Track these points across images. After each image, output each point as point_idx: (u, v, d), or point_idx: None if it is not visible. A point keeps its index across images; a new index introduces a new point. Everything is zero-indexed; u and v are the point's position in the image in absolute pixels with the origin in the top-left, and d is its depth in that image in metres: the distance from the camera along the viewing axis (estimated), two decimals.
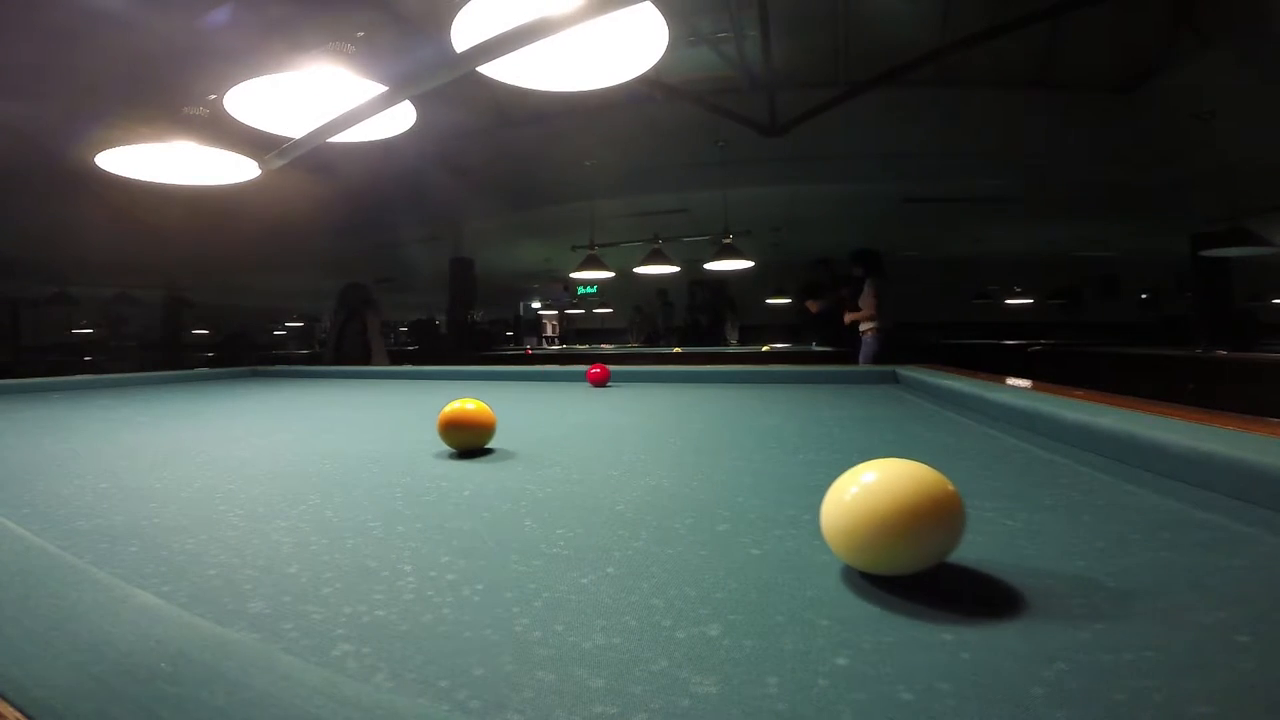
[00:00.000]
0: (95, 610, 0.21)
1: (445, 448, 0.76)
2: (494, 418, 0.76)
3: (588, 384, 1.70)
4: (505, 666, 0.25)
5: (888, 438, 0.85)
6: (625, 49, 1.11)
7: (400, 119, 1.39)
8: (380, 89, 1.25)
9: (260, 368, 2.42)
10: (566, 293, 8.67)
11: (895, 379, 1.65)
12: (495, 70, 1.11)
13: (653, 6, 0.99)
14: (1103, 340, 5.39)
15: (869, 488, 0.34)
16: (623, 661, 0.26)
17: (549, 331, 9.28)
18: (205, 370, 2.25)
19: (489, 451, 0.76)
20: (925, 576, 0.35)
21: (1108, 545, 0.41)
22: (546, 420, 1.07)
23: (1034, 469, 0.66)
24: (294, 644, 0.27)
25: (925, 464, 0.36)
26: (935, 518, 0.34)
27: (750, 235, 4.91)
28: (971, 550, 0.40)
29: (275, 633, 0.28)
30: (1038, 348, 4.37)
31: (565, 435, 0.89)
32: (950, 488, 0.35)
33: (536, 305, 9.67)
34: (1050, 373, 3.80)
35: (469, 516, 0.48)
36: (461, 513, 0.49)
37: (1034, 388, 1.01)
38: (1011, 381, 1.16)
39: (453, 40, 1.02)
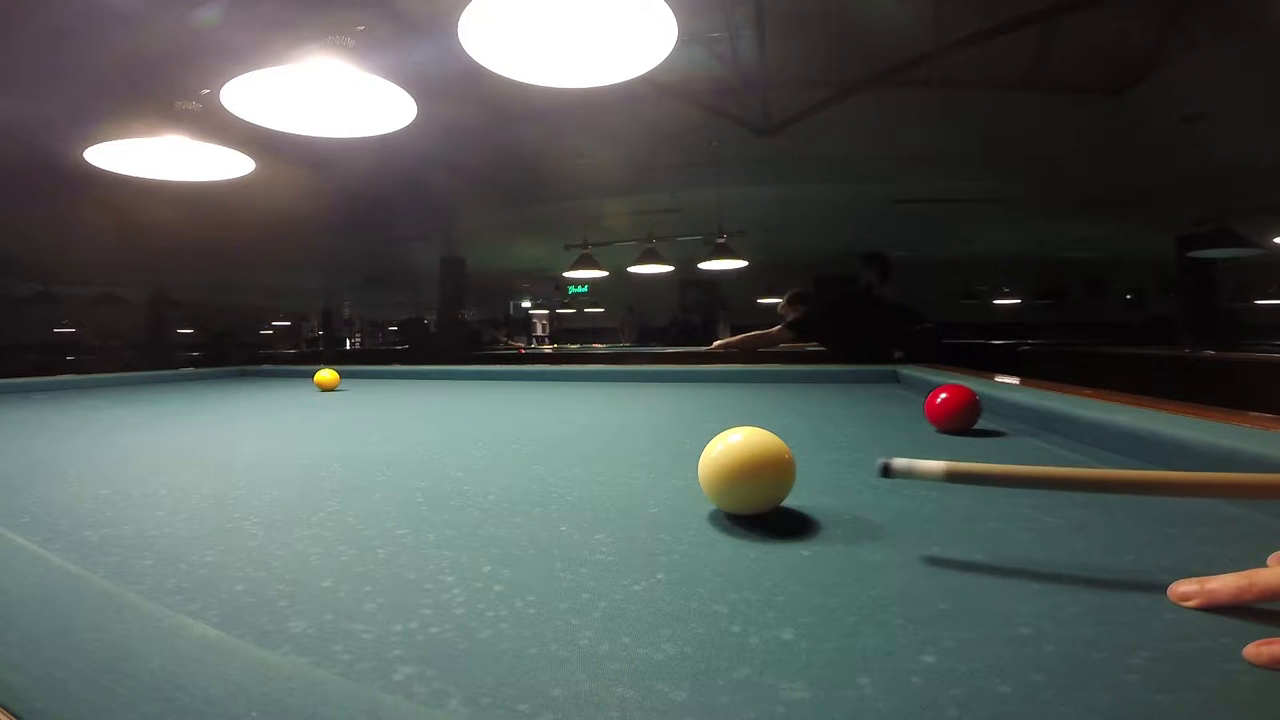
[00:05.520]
0: (147, 645, 0.19)
1: (460, 451, 0.76)
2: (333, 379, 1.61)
3: (580, 383, 1.68)
4: (582, 685, 0.24)
5: (905, 437, 0.85)
6: (633, 45, 1.09)
7: (399, 115, 1.36)
8: (381, 82, 1.22)
9: (249, 367, 2.37)
10: (558, 292, 8.63)
11: (896, 379, 1.65)
12: (503, 66, 1.09)
13: (663, 3, 0.98)
14: (1089, 340, 5.49)
15: (728, 447, 0.46)
16: (701, 672, 0.25)
17: (539, 331, 9.24)
18: (192, 370, 2.20)
19: (486, 448, 0.74)
20: (981, 572, 0.35)
21: (1151, 540, 0.41)
22: (554, 421, 1.05)
23: (1056, 466, 0.66)
24: (350, 668, 0.25)
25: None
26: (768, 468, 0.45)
27: (744, 235, 4.91)
28: (1019, 547, 0.40)
29: (326, 655, 0.26)
30: (1027, 347, 4.43)
31: (576, 436, 0.87)
32: (781, 445, 0.46)
33: (527, 304, 9.63)
34: (1041, 371, 3.85)
35: (501, 522, 0.46)
36: (492, 518, 0.47)
37: (1047, 387, 1.02)
38: (1000, 379, 1.17)
39: (460, 37, 1.00)
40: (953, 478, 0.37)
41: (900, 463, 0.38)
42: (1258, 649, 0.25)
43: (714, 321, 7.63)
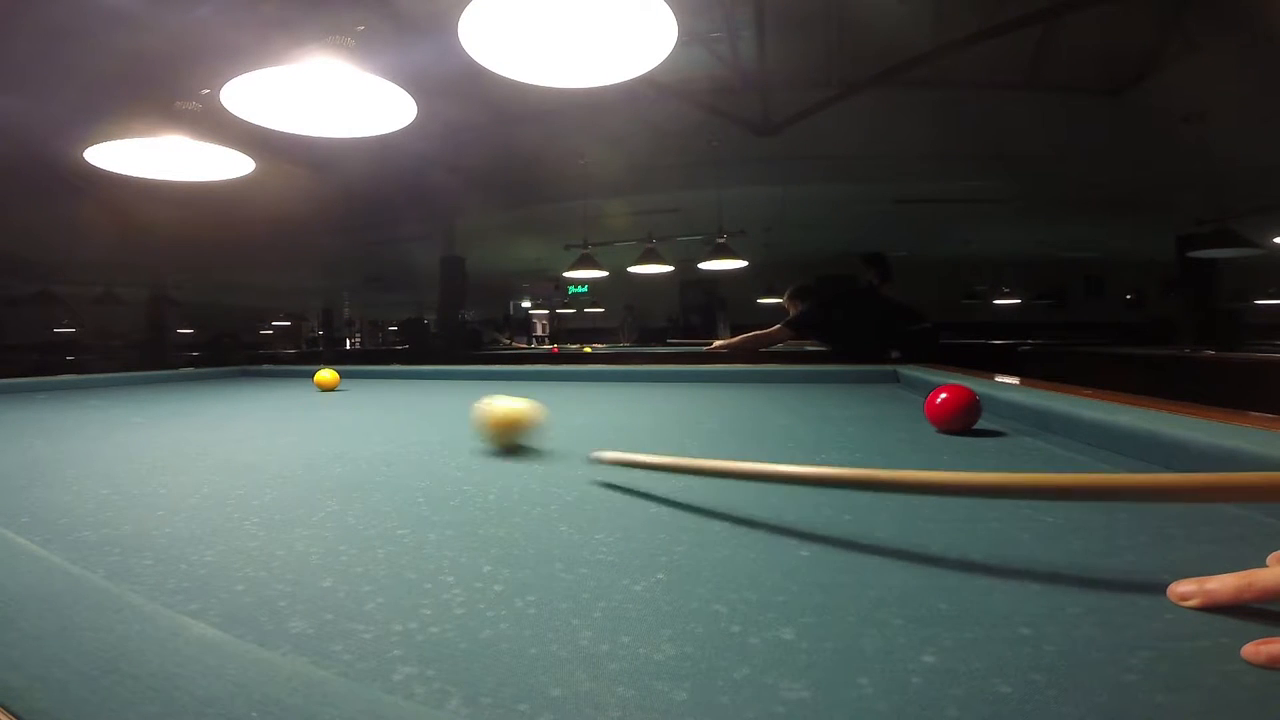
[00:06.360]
0: (147, 645, 0.19)
1: (460, 451, 0.76)
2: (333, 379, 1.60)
3: (579, 383, 1.68)
4: (582, 685, 0.24)
5: (902, 436, 0.85)
6: (633, 45, 1.10)
7: (399, 115, 1.36)
8: (381, 82, 1.22)
9: (249, 367, 2.37)
10: (558, 292, 8.63)
11: (896, 378, 1.65)
12: (503, 66, 1.09)
13: (664, 3, 0.98)
14: (1089, 339, 5.48)
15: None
16: (701, 671, 0.25)
17: (539, 330, 9.24)
18: (192, 370, 2.20)
19: (485, 448, 0.74)
20: (981, 572, 0.35)
21: (1150, 540, 0.41)
22: (555, 421, 1.05)
23: (1056, 466, 0.66)
24: (349, 668, 0.25)
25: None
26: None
27: (745, 235, 4.91)
28: (1019, 547, 0.40)
29: (325, 655, 0.26)
30: (1027, 347, 4.42)
31: (577, 436, 0.88)
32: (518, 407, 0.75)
33: (526, 304, 9.63)
34: (1041, 371, 3.85)
35: (501, 522, 0.46)
36: (492, 519, 0.47)
37: (1047, 387, 1.02)
38: (1000, 379, 1.17)
39: (460, 37, 1.00)
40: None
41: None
42: (1256, 648, 0.25)
43: (714, 321, 7.63)
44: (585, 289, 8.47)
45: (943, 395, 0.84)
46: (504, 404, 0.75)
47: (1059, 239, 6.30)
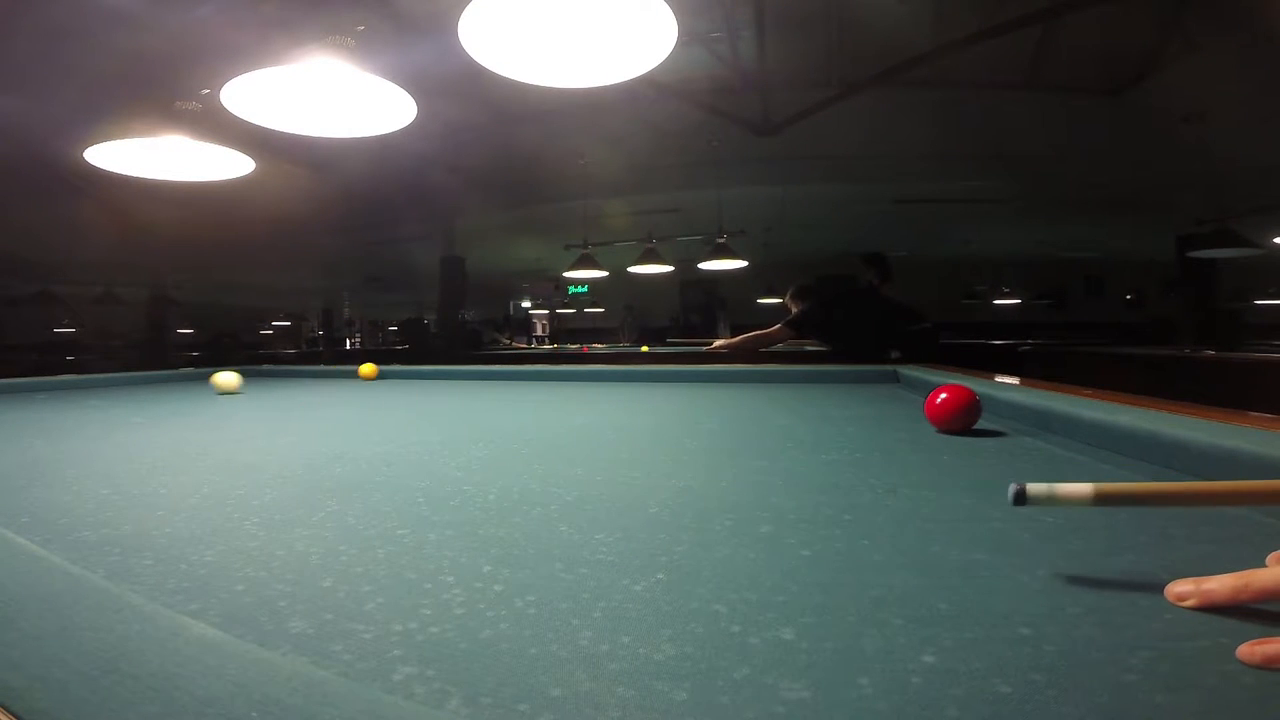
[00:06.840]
0: (147, 645, 0.19)
1: (459, 451, 0.76)
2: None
3: (579, 383, 1.68)
4: (582, 685, 0.24)
5: (901, 436, 0.85)
6: (633, 45, 1.10)
7: (399, 115, 1.36)
8: (381, 82, 1.22)
9: (249, 367, 2.37)
10: (558, 292, 8.63)
11: (896, 378, 1.65)
12: (503, 66, 1.09)
13: (663, 3, 0.98)
14: (1089, 339, 5.48)
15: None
16: (701, 671, 0.25)
17: (539, 330, 9.24)
18: (191, 370, 2.20)
19: (485, 448, 0.74)
20: (981, 572, 0.35)
21: (1150, 540, 0.41)
22: (554, 421, 1.05)
23: (1057, 466, 0.66)
24: (349, 667, 0.25)
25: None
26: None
27: (745, 235, 4.91)
28: (1019, 547, 0.40)
29: (325, 655, 0.26)
30: (1027, 347, 4.42)
31: (577, 437, 0.87)
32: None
33: (526, 304, 9.63)
34: (1041, 371, 3.85)
35: (501, 523, 0.46)
36: (492, 519, 0.47)
37: (1047, 387, 1.02)
38: (1000, 379, 1.17)
39: (460, 37, 1.00)
40: (1102, 501, 0.33)
41: (1038, 488, 0.34)
42: (1250, 649, 0.25)
43: (714, 321, 7.64)
44: (585, 289, 8.46)
45: (943, 395, 0.84)
46: (223, 377, 1.50)
47: (1059, 239, 6.30)
